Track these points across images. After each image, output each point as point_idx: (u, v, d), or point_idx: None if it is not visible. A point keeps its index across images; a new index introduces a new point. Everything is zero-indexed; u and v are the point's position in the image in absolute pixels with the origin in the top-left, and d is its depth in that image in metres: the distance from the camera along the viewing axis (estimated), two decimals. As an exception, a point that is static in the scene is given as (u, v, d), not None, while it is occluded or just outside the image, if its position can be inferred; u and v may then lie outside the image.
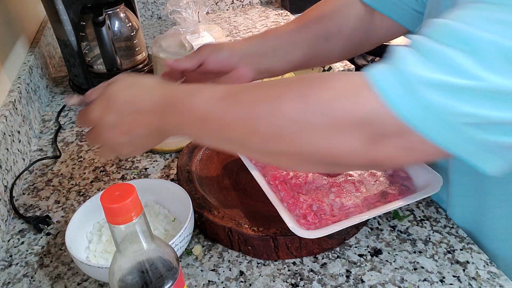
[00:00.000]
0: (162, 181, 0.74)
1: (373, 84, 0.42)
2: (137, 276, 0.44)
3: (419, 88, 0.40)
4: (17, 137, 0.92)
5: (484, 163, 0.43)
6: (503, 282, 0.59)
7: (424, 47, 0.41)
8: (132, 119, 0.55)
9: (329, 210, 0.63)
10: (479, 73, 0.38)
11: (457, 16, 0.41)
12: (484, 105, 0.39)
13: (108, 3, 1.08)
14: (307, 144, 0.46)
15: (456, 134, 0.41)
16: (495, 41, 0.38)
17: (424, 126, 0.41)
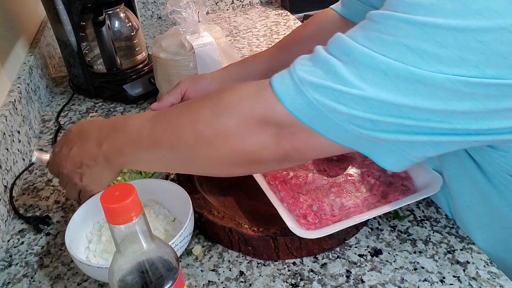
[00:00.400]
0: (162, 181, 0.74)
1: (272, 85, 0.49)
2: (137, 276, 0.44)
3: (306, 89, 0.47)
4: (17, 137, 0.92)
5: (381, 159, 0.50)
6: (503, 282, 0.59)
7: (319, 55, 0.48)
8: (80, 149, 0.61)
9: (329, 210, 0.63)
10: (351, 80, 0.45)
11: (351, 32, 0.47)
12: (355, 106, 0.45)
13: (108, 3, 1.08)
14: (224, 145, 0.52)
15: (340, 129, 0.47)
16: (368, 54, 0.44)
17: (312, 121, 0.48)
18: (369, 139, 0.48)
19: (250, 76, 0.81)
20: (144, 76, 1.15)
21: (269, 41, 1.42)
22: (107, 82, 1.15)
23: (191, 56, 0.99)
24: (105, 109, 1.13)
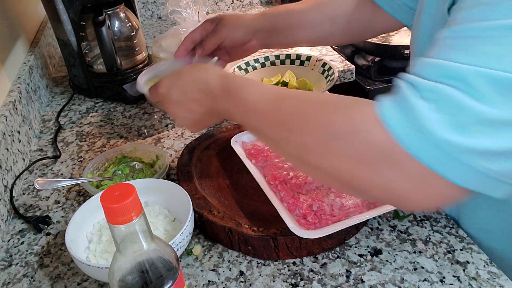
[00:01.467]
0: (162, 181, 0.74)
1: (385, 122, 0.43)
2: (137, 276, 0.44)
3: (425, 127, 0.40)
4: (17, 137, 0.92)
5: (492, 191, 0.43)
6: (503, 282, 0.59)
7: (421, 85, 0.42)
8: (192, 98, 0.62)
9: (329, 210, 0.63)
10: (474, 106, 0.39)
11: (438, 53, 0.42)
12: (483, 136, 0.39)
13: (108, 3, 1.08)
14: (329, 165, 0.48)
15: (462, 166, 0.40)
16: (480, 72, 0.38)
17: (431, 160, 0.41)
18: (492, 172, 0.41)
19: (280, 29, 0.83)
20: (144, 76, 1.15)
21: (269, 41, 1.42)
22: (107, 82, 1.15)
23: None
24: (105, 109, 1.13)
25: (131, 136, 1.00)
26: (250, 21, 0.83)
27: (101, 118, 1.09)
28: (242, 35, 0.82)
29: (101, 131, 1.04)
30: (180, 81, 0.64)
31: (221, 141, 0.87)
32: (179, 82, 0.64)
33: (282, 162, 0.72)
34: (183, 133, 0.99)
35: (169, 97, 0.64)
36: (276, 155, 0.74)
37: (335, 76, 0.98)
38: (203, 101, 0.61)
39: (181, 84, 0.63)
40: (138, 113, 1.09)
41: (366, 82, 1.33)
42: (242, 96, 0.57)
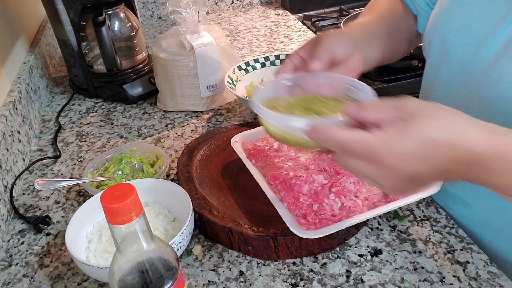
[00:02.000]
0: (162, 181, 0.74)
1: None
2: (137, 276, 0.44)
3: None
4: (17, 137, 0.92)
5: None
6: (503, 282, 0.59)
7: None
8: (436, 169, 0.44)
9: (329, 210, 0.63)
10: None
11: None
12: None
13: (108, 3, 1.08)
14: None
15: None
16: None
17: None
18: None
19: (371, 39, 0.72)
20: (144, 76, 1.15)
21: (269, 41, 1.42)
22: (107, 82, 1.15)
23: (191, 56, 0.99)
24: (105, 109, 1.13)
25: (131, 136, 1.00)
26: (347, 31, 0.71)
27: (101, 118, 1.09)
28: (347, 43, 0.67)
29: (101, 131, 1.04)
30: (405, 149, 0.43)
31: (221, 141, 0.87)
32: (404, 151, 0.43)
33: (282, 162, 0.72)
34: (183, 133, 0.99)
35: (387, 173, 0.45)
36: (276, 155, 0.74)
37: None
38: (456, 172, 0.45)
39: (411, 155, 0.43)
40: (138, 113, 1.09)
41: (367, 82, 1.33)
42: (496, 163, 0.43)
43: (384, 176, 0.45)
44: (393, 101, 0.46)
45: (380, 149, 0.43)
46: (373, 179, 0.46)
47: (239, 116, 1.03)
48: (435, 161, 0.43)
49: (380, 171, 0.44)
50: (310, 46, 0.66)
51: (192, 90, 1.03)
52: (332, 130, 0.46)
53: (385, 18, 0.77)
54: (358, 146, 0.44)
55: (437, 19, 0.67)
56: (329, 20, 1.58)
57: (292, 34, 1.47)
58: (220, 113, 1.06)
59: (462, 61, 0.63)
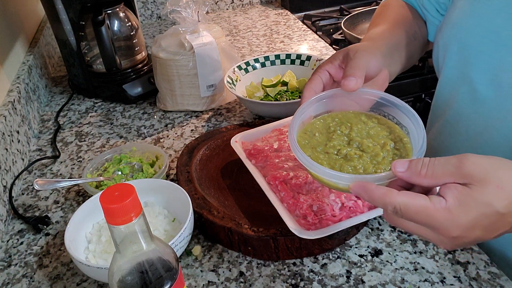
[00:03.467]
0: (162, 181, 0.73)
1: None
2: (136, 276, 0.44)
3: None
4: (16, 137, 0.92)
5: None
6: (503, 283, 0.59)
7: None
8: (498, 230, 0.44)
9: (330, 210, 0.63)
10: None
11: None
12: None
13: (107, 3, 1.08)
14: None
15: None
16: None
17: None
18: None
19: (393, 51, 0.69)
20: (143, 76, 1.15)
21: (269, 41, 1.42)
22: (106, 81, 1.14)
23: (191, 56, 0.98)
24: (105, 109, 1.13)
25: (130, 136, 1.00)
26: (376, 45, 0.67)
27: (101, 118, 1.09)
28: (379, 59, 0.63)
29: (100, 131, 1.03)
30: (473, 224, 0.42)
31: (221, 141, 0.86)
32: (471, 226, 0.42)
33: (282, 162, 0.72)
34: (183, 133, 0.99)
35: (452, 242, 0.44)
36: (276, 155, 0.74)
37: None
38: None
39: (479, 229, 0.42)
40: (138, 113, 1.09)
41: (366, 82, 1.33)
42: None
43: (443, 242, 0.44)
44: (450, 163, 0.43)
45: (442, 221, 0.42)
46: (431, 240, 0.45)
47: (239, 116, 1.03)
48: (497, 229, 0.43)
49: (440, 237, 0.44)
50: (340, 61, 0.61)
51: (191, 90, 1.03)
52: (387, 193, 0.43)
53: (401, 26, 0.74)
54: (417, 215, 0.42)
55: (456, 23, 0.64)
56: (329, 19, 1.58)
57: (292, 33, 1.47)
58: (220, 113, 1.05)
59: (488, 69, 0.60)
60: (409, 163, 0.44)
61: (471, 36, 0.63)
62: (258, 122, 0.90)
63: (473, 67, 0.63)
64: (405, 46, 0.72)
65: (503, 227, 0.42)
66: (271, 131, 0.83)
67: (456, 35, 0.65)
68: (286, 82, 1.07)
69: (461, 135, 0.69)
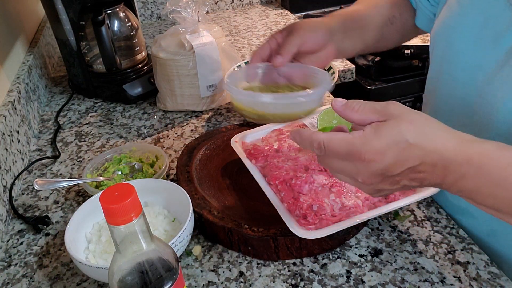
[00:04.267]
0: (162, 181, 0.73)
1: None
2: (136, 276, 0.44)
3: None
4: (16, 137, 0.92)
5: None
6: (503, 283, 0.59)
7: None
8: (415, 171, 0.47)
9: (330, 210, 0.63)
10: None
11: None
12: None
13: (107, 3, 1.08)
14: None
15: None
16: None
17: None
18: None
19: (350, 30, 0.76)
20: (143, 76, 1.15)
21: (269, 41, 1.42)
22: (106, 81, 1.14)
23: (191, 56, 0.98)
24: (105, 109, 1.13)
25: (130, 136, 1.00)
26: (324, 20, 0.75)
27: (101, 118, 1.09)
28: (321, 35, 0.71)
29: (100, 131, 1.03)
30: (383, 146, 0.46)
31: (221, 141, 0.86)
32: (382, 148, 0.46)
33: (282, 162, 0.72)
34: (183, 133, 0.99)
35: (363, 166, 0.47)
36: (276, 155, 0.74)
37: (335, 76, 0.98)
38: (428, 175, 0.47)
39: (387, 152, 0.46)
40: (138, 113, 1.09)
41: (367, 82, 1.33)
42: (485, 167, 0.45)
43: (360, 170, 0.48)
44: (379, 104, 0.49)
45: (359, 145, 0.47)
46: (351, 175, 0.49)
47: (239, 116, 1.03)
48: (406, 159, 0.46)
49: (357, 166, 0.48)
50: (287, 32, 0.71)
51: (191, 90, 1.02)
52: (314, 133, 0.50)
53: (375, 8, 0.79)
54: (339, 146, 0.48)
55: (444, 21, 0.67)
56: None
57: (292, 34, 1.46)
58: (220, 113, 1.05)
59: (465, 68, 0.62)
60: (347, 101, 0.51)
61: (455, 34, 0.64)
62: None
63: (453, 66, 0.65)
64: (376, 27, 0.78)
65: (411, 159, 0.46)
66: (271, 131, 0.83)
67: (443, 33, 0.66)
68: (286, 82, 1.07)
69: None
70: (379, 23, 0.79)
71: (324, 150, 0.49)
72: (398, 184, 0.49)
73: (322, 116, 0.79)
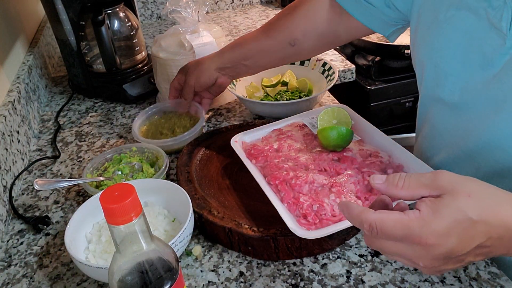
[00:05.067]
0: (162, 181, 0.73)
1: None
2: (136, 276, 0.44)
3: None
4: (16, 137, 0.92)
5: None
6: (503, 283, 0.59)
7: None
8: (471, 257, 0.45)
9: (330, 210, 0.62)
10: None
11: None
12: None
13: (107, 3, 1.08)
14: None
15: None
16: None
17: None
18: None
19: (242, 60, 0.88)
20: (143, 76, 1.15)
21: (269, 41, 1.42)
22: (106, 81, 1.14)
23: (191, 56, 0.98)
24: (105, 109, 1.13)
25: (130, 136, 1.00)
26: (210, 63, 0.90)
27: (101, 118, 1.09)
28: (207, 78, 0.90)
29: (100, 131, 1.03)
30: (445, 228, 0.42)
31: (221, 141, 0.86)
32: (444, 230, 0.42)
33: (282, 162, 0.72)
34: (183, 133, 0.99)
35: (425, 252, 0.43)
36: (276, 155, 0.74)
37: (335, 76, 0.98)
38: (494, 249, 0.44)
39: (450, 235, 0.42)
40: (138, 113, 1.09)
41: (367, 82, 1.33)
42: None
43: (421, 255, 0.44)
44: (425, 176, 0.45)
45: (417, 229, 0.42)
46: (409, 259, 0.45)
47: (239, 116, 1.03)
48: (471, 238, 0.43)
49: (417, 250, 0.44)
50: (181, 79, 0.93)
51: (191, 90, 1.02)
52: (364, 211, 0.45)
53: (273, 34, 0.85)
54: (393, 229, 0.43)
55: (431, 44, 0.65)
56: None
57: (292, 33, 1.46)
58: (220, 113, 1.05)
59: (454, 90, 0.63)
60: (387, 177, 0.47)
61: (442, 57, 0.64)
62: (258, 122, 0.90)
63: (442, 89, 0.65)
64: (273, 52, 0.87)
65: (477, 237, 0.43)
66: (271, 131, 0.83)
67: (431, 56, 0.66)
68: (286, 82, 1.07)
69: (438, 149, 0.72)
70: (276, 47, 0.85)
71: (376, 232, 0.44)
72: (463, 262, 0.45)
73: (322, 116, 0.79)
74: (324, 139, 0.73)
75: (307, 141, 0.78)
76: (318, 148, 0.74)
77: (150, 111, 0.97)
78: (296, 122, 0.83)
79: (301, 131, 0.81)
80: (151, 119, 0.97)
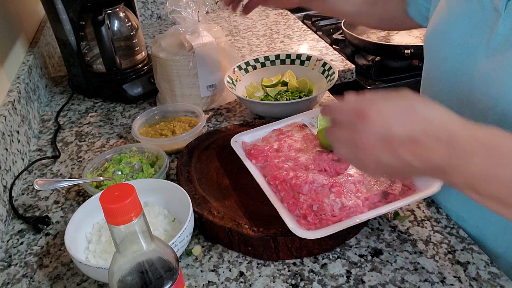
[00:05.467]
0: (162, 181, 0.73)
1: None
2: (136, 276, 0.44)
3: None
4: (16, 137, 0.92)
5: None
6: (503, 283, 0.59)
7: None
8: (410, 140, 0.45)
9: (330, 210, 0.63)
10: None
11: None
12: None
13: (107, 3, 1.08)
14: None
15: None
16: None
17: None
18: None
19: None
20: (143, 76, 1.15)
21: (269, 41, 1.42)
22: (106, 81, 1.14)
23: (191, 56, 0.98)
24: (105, 109, 1.13)
25: (130, 136, 1.00)
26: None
27: (101, 118, 1.09)
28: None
29: (100, 131, 1.03)
30: (390, 109, 0.46)
31: (221, 141, 0.86)
32: (388, 110, 0.46)
33: (282, 162, 0.72)
34: (183, 133, 0.99)
35: (366, 127, 0.46)
36: (276, 155, 0.74)
37: (335, 76, 0.98)
38: (428, 148, 0.45)
39: (392, 114, 0.45)
40: (138, 113, 1.09)
41: (367, 82, 1.33)
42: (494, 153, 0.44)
43: (362, 130, 0.46)
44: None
45: (365, 105, 0.47)
46: (353, 140, 0.48)
47: (239, 116, 1.03)
48: (410, 122, 0.45)
49: (359, 126, 0.46)
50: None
51: (191, 90, 1.02)
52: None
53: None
54: (348, 102, 0.49)
55: (435, 28, 0.68)
56: (329, 19, 1.58)
57: (292, 33, 1.47)
58: (220, 113, 1.05)
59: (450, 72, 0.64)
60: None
61: (443, 41, 0.64)
62: (258, 122, 0.90)
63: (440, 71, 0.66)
64: (356, 2, 0.88)
65: (416, 126, 0.44)
66: (271, 131, 0.83)
67: (433, 38, 0.67)
68: (286, 82, 1.07)
69: None
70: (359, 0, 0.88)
71: (335, 105, 0.51)
72: (399, 158, 0.45)
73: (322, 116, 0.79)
74: (324, 139, 0.73)
75: (307, 141, 0.78)
76: (318, 148, 0.74)
77: (151, 113, 0.97)
78: (296, 122, 0.83)
79: (301, 131, 0.81)
80: (151, 120, 0.97)
